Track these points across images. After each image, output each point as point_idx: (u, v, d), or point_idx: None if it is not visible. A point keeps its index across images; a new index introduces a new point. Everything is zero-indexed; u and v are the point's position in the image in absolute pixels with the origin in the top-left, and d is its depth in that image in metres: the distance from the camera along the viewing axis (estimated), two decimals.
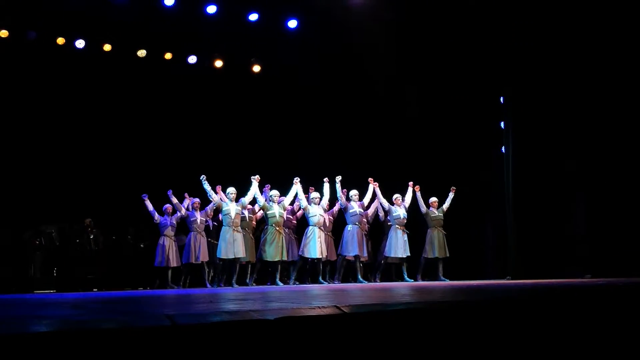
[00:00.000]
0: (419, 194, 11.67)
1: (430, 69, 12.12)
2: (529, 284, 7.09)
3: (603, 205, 10.10)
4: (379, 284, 10.44)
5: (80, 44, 11.84)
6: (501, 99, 11.47)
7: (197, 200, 11.13)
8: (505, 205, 11.08)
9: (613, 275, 8.82)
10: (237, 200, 10.84)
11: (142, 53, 12.32)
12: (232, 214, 10.64)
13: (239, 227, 10.73)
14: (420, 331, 3.20)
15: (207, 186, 10.70)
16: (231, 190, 10.80)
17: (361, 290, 6.85)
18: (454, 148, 12.36)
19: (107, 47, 12.06)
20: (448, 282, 10.45)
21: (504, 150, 11.25)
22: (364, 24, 11.60)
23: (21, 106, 11.88)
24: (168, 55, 12.61)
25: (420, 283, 10.62)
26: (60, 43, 11.67)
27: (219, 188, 10.82)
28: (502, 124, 11.42)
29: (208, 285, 10.93)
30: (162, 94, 12.71)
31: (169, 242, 11.09)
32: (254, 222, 11.47)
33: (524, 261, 10.48)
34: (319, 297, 5.21)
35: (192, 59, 12.84)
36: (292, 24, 12.44)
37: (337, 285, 10.67)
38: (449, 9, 11.15)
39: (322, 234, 11.14)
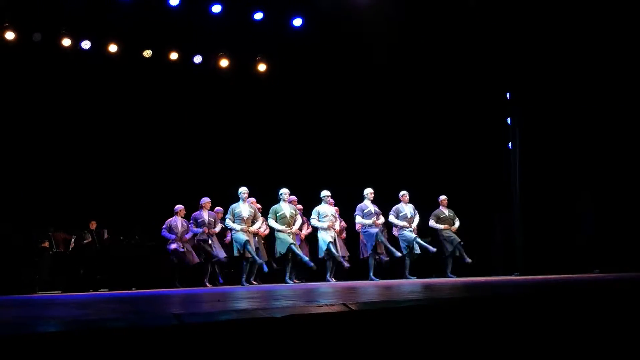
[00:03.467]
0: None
1: (436, 65, 12.09)
2: (536, 280, 7.07)
3: (611, 200, 10.05)
4: (386, 281, 10.41)
5: (86, 45, 11.88)
6: (507, 94, 11.43)
7: (207, 200, 11.12)
8: (513, 201, 11.05)
9: (621, 270, 8.77)
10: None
11: (147, 53, 12.35)
12: (245, 214, 10.55)
13: (251, 227, 10.59)
14: (428, 328, 3.19)
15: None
16: (243, 190, 10.64)
17: (369, 287, 6.84)
18: (460, 144, 12.33)
19: (112, 48, 12.09)
20: (456, 279, 10.42)
21: (510, 146, 11.21)
22: (370, 21, 11.58)
23: (27, 108, 11.94)
24: (174, 56, 12.64)
25: (429, 280, 10.58)
26: (66, 45, 11.72)
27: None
28: (508, 120, 11.38)
29: (207, 284, 10.92)
30: (168, 94, 12.75)
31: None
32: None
33: (531, 257, 10.45)
34: (327, 294, 5.21)
35: (198, 59, 12.86)
36: (297, 22, 12.45)
37: (347, 282, 10.65)
38: (455, 5, 11.13)
39: (334, 234, 11.09)
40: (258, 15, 12.16)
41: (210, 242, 11.10)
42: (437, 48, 11.87)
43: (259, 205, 11.30)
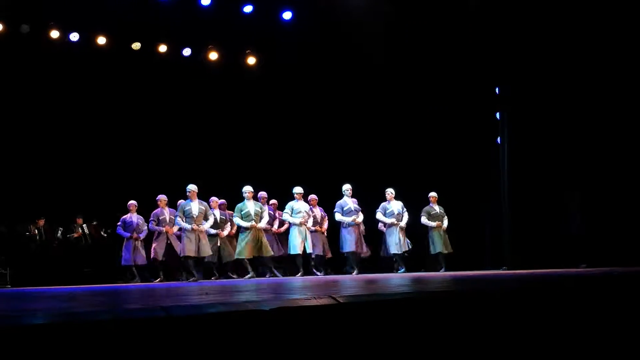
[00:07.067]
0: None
1: (426, 59, 12.08)
2: (524, 274, 7.11)
3: (598, 195, 10.11)
4: (371, 275, 10.42)
5: (74, 37, 11.80)
6: (497, 89, 11.45)
7: (163, 196, 11.02)
8: (501, 196, 11.08)
9: (609, 265, 8.83)
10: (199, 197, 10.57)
11: (136, 46, 12.28)
12: (195, 212, 10.26)
13: (201, 225, 10.34)
14: (415, 321, 3.20)
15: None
16: (192, 187, 10.41)
17: (356, 281, 6.85)
18: (449, 139, 12.33)
19: (101, 41, 12.02)
20: (443, 273, 10.45)
21: (499, 141, 11.25)
22: (359, 15, 11.56)
23: (15, 100, 11.85)
24: (162, 48, 12.57)
25: (416, 274, 10.61)
26: (54, 37, 11.63)
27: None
28: (497, 115, 11.41)
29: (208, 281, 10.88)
30: (157, 86, 12.68)
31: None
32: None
33: (519, 251, 10.51)
34: (314, 287, 5.22)
35: (187, 52, 12.81)
36: (287, 15, 12.42)
37: (332, 276, 10.65)
38: (445, 0, 11.15)
39: (306, 231, 11.02)
40: (248, 8, 12.13)
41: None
42: (427, 43, 11.85)
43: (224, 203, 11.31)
